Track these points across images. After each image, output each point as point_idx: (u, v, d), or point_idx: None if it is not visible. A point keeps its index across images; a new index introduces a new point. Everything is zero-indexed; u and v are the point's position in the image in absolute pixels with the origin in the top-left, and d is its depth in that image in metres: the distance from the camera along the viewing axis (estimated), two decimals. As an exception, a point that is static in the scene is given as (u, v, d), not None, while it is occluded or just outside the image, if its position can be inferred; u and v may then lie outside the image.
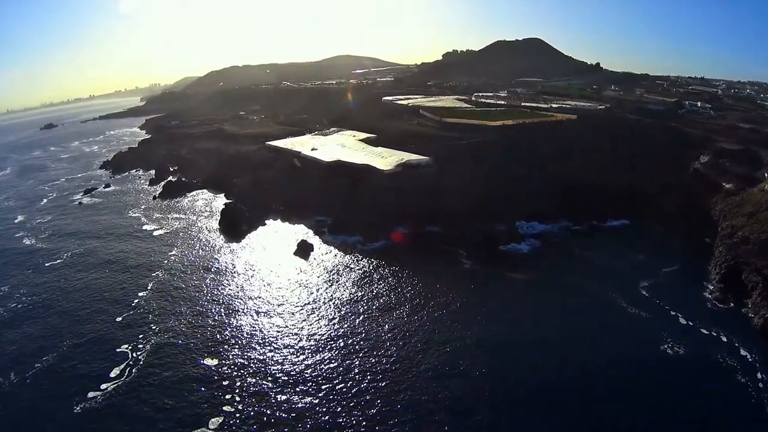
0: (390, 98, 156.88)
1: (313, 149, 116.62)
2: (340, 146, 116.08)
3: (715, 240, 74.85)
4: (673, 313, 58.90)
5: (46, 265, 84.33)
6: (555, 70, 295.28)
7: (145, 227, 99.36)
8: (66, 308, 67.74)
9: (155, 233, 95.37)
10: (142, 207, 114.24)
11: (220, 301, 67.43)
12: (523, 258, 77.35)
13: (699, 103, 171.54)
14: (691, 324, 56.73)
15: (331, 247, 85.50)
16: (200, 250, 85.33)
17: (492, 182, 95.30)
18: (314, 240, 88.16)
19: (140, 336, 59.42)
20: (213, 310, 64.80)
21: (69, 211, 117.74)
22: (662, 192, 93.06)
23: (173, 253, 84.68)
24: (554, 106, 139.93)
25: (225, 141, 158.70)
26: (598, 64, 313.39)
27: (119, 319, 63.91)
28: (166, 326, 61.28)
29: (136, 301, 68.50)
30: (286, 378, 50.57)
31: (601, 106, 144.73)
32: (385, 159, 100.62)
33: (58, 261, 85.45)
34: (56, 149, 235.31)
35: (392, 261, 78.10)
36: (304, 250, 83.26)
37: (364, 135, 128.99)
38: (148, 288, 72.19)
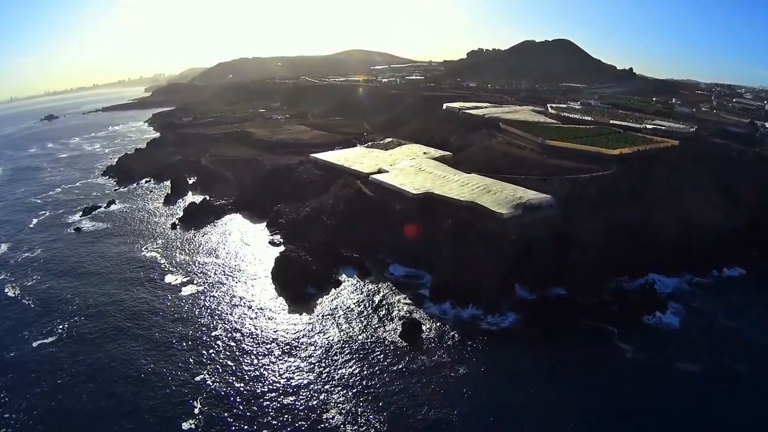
0: (456, 106, 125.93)
1: (380, 170, 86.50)
2: (417, 168, 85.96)
3: None
4: None
5: (34, 344, 54.67)
6: (589, 74, 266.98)
7: (167, 278, 68.82)
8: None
9: (183, 291, 64.94)
10: (159, 241, 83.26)
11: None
12: (675, 336, 57.66)
13: (767, 124, 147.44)
14: None
15: (444, 326, 57.41)
16: (257, 334, 55.00)
17: (620, 227, 70.47)
18: (414, 310, 59.91)
19: None
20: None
21: (64, 241, 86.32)
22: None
23: (216, 334, 54.54)
24: (648, 127, 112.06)
25: (254, 148, 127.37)
26: (631, 69, 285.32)
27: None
28: None
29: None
30: None
31: (692, 127, 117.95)
32: (494, 195, 71.07)
33: (51, 339, 55.58)
34: (55, 146, 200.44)
35: (531, 346, 54.47)
36: (411, 332, 54.69)
37: (437, 152, 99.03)
38: (196, 415, 42.44)
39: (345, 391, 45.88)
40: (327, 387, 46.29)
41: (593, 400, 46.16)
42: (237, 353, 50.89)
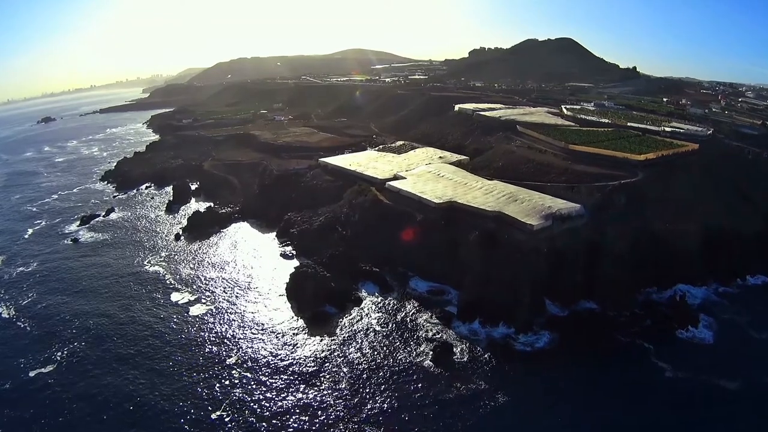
0: (469, 107, 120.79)
1: (396, 176, 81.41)
2: (435, 174, 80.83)
3: None
4: None
5: (31, 374, 49.54)
6: (593, 73, 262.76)
7: (172, 296, 63.42)
8: None
9: (191, 311, 59.58)
10: (162, 253, 77.83)
11: None
12: (709, 351, 54.55)
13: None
14: None
15: (476, 348, 53.04)
16: (275, 362, 49.66)
17: (647, 236, 67.21)
18: (442, 330, 54.98)
19: None
20: None
21: (61, 253, 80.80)
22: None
23: (230, 363, 49.24)
24: (667, 129, 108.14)
25: (258, 151, 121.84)
26: (634, 68, 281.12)
27: None
28: None
29: None
30: None
31: (709, 130, 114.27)
32: (521, 204, 66.14)
33: (49, 368, 50.43)
34: (51, 150, 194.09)
35: (569, 369, 50.34)
36: (443, 356, 50.61)
37: (453, 156, 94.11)
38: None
39: (376, 429, 40.90)
40: (356, 424, 41.27)
41: (641, 427, 42.44)
42: (254, 385, 45.72)
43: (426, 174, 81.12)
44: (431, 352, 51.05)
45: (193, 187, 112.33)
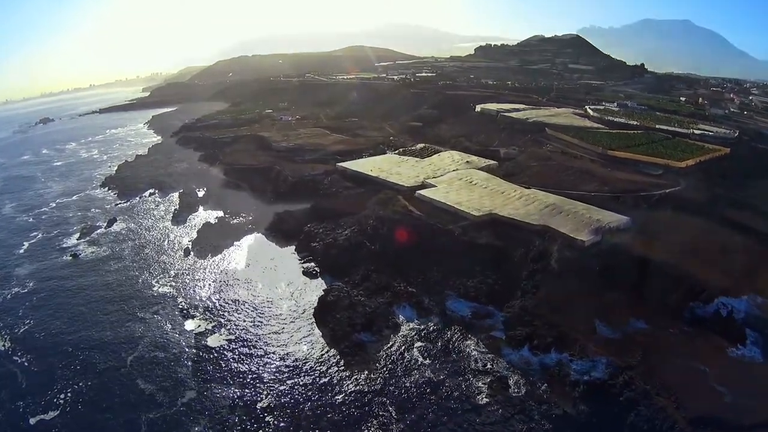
0: (492, 108, 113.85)
1: (424, 183, 74.61)
2: (467, 182, 74.00)
3: None
4: None
5: (32, 421, 42.10)
6: (601, 70, 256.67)
7: (186, 324, 56.24)
8: None
9: (209, 342, 52.38)
10: (171, 272, 70.60)
11: None
12: (762, 371, 48.73)
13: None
14: None
15: (531, 378, 46.37)
16: (314, 408, 42.46)
17: (690, 248, 61.67)
18: (492, 360, 48.74)
19: None
20: None
21: (59, 271, 73.32)
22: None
23: (262, 407, 42.03)
24: (696, 132, 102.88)
25: (269, 155, 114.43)
26: (642, 65, 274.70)
27: None
28: None
29: None
30: None
31: (735, 132, 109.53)
32: (567, 217, 59.75)
33: (52, 414, 42.83)
34: (49, 152, 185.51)
35: (631, 400, 43.05)
36: (499, 392, 44.42)
37: (481, 161, 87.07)
38: None
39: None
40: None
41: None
42: (290, 439, 38.95)
43: (456, 181, 74.29)
44: (486, 387, 44.73)
45: (200, 194, 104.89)
